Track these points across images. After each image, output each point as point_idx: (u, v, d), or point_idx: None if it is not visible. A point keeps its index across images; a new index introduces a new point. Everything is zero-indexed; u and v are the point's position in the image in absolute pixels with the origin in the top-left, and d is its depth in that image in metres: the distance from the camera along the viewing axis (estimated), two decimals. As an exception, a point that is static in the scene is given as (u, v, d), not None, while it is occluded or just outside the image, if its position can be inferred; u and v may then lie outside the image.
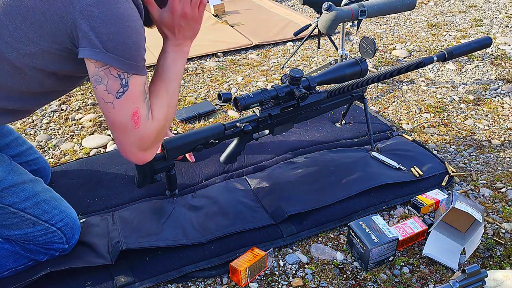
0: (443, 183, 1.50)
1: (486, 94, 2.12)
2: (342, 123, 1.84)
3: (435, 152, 1.68)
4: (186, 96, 2.17)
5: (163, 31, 1.12)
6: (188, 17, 1.11)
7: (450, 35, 2.80)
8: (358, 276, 1.20)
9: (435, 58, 1.72)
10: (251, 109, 1.40)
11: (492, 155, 1.69)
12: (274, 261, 1.25)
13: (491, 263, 1.22)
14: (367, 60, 1.65)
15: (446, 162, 1.59)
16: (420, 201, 1.40)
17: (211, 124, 1.43)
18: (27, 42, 0.97)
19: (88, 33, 0.93)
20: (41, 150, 1.78)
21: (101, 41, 0.94)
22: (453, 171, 1.55)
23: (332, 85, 1.56)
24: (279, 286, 1.18)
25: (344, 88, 1.56)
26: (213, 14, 3.22)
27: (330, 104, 1.59)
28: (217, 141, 1.39)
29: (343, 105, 1.68)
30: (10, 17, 0.96)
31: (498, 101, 2.06)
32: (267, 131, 1.49)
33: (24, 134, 1.88)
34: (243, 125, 1.40)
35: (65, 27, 0.94)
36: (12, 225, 1.14)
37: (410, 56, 2.55)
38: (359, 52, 2.64)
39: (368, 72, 1.55)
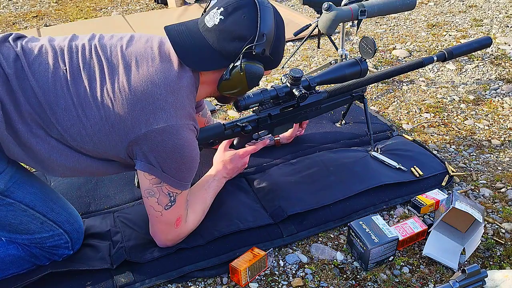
0: (443, 183, 1.50)
1: (486, 94, 2.12)
2: (342, 123, 1.84)
3: (435, 152, 1.68)
4: (186, 96, 2.17)
5: (220, 163, 1.41)
6: (242, 168, 1.48)
7: (450, 35, 2.80)
8: (358, 276, 1.20)
9: (435, 58, 1.72)
10: (251, 109, 1.40)
11: (492, 155, 1.69)
12: (274, 261, 1.25)
13: (491, 263, 1.22)
14: (367, 60, 1.65)
15: (446, 162, 1.59)
16: (420, 201, 1.40)
17: (211, 124, 1.43)
18: (89, 142, 1.07)
19: (147, 153, 1.06)
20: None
21: (158, 162, 1.07)
22: (453, 171, 1.55)
23: (332, 85, 1.56)
24: (279, 286, 1.18)
25: (344, 88, 1.56)
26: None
27: (330, 104, 1.59)
28: (217, 141, 1.39)
29: (343, 105, 1.68)
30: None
31: (498, 101, 2.06)
32: (266, 131, 1.49)
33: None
34: (243, 125, 1.39)
35: (126, 144, 1.06)
36: (21, 224, 1.12)
37: (410, 56, 2.55)
38: (359, 52, 2.64)
39: (368, 72, 1.55)
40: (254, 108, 1.44)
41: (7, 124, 1.01)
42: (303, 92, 1.38)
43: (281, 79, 1.43)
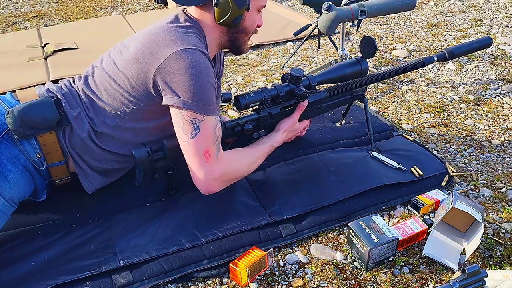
0: (443, 183, 1.50)
1: (486, 94, 2.12)
2: (343, 123, 1.84)
3: (435, 152, 1.67)
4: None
5: (279, 128, 1.46)
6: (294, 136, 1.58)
7: (450, 35, 2.80)
8: (358, 276, 1.20)
9: (436, 58, 1.72)
10: (252, 108, 1.40)
11: (492, 155, 1.69)
12: (274, 261, 1.25)
13: (491, 263, 1.22)
14: (367, 60, 1.66)
15: (446, 162, 1.59)
16: (420, 201, 1.40)
17: None
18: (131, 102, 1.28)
19: (164, 85, 1.19)
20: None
21: (173, 89, 1.19)
22: (453, 171, 1.55)
23: (332, 84, 1.56)
24: (279, 286, 1.18)
25: (344, 87, 1.56)
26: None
27: (330, 103, 1.59)
28: None
29: (344, 105, 1.68)
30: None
31: (498, 101, 2.06)
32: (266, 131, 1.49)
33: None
34: (243, 124, 1.39)
35: (151, 85, 1.22)
36: None
37: (410, 56, 2.55)
38: (359, 52, 2.64)
39: (368, 72, 1.55)
40: (254, 108, 1.44)
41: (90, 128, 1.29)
42: (303, 91, 1.38)
43: (281, 78, 1.43)
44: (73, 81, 1.35)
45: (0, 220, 1.20)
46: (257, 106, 1.44)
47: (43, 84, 1.39)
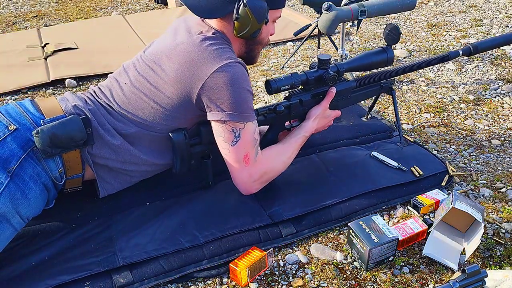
0: (443, 183, 1.50)
1: (486, 94, 2.12)
2: (368, 117, 1.86)
3: (435, 152, 1.67)
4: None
5: (309, 116, 1.48)
6: (328, 125, 1.56)
7: (450, 35, 2.80)
8: (358, 276, 1.20)
9: (461, 53, 1.77)
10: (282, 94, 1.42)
11: (492, 155, 1.69)
12: (274, 261, 1.25)
13: (491, 263, 1.22)
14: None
15: (446, 162, 1.58)
16: (420, 201, 1.40)
17: None
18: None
19: (209, 102, 1.25)
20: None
21: (217, 104, 1.24)
22: (453, 171, 1.55)
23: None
24: (279, 286, 1.18)
25: (373, 77, 1.59)
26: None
27: (359, 93, 1.61)
28: None
29: (372, 96, 1.69)
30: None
31: (498, 101, 2.06)
32: (298, 122, 1.51)
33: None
34: (276, 106, 1.42)
35: (196, 105, 1.28)
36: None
37: (410, 56, 2.55)
38: (359, 52, 2.64)
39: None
40: (285, 95, 1.48)
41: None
42: (332, 74, 1.41)
43: (310, 67, 1.47)
44: (95, 93, 1.34)
45: (9, 236, 1.18)
46: (288, 93, 1.46)
47: (44, 84, 1.39)
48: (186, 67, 1.24)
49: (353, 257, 1.25)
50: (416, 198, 1.42)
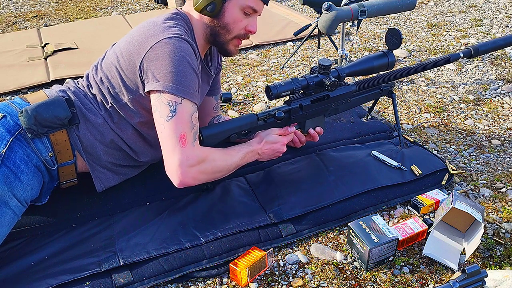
0: (443, 182, 1.50)
1: (486, 94, 2.12)
2: (368, 118, 1.87)
3: (435, 152, 1.67)
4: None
5: (261, 139, 1.40)
6: (276, 155, 1.44)
7: (450, 35, 2.80)
8: (358, 276, 1.20)
9: (461, 55, 1.76)
10: (283, 99, 1.41)
11: (492, 155, 1.69)
12: (274, 261, 1.25)
13: (491, 263, 1.22)
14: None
15: (446, 161, 1.58)
16: (420, 201, 1.40)
17: (245, 114, 1.45)
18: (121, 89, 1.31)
19: (147, 70, 1.22)
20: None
21: (155, 74, 1.20)
22: (453, 169, 1.55)
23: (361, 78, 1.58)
24: (279, 286, 1.18)
25: (374, 81, 1.59)
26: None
27: (360, 97, 1.61)
28: (250, 132, 1.41)
29: (372, 99, 1.69)
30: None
31: (498, 101, 2.06)
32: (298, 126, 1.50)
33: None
34: (275, 112, 1.41)
35: (138, 72, 1.25)
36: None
37: (410, 56, 2.55)
38: (359, 52, 2.64)
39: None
40: (285, 100, 1.47)
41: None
42: (333, 80, 1.40)
43: (310, 71, 1.46)
44: (78, 83, 1.39)
45: (11, 221, 1.21)
46: (288, 98, 1.46)
47: (44, 84, 1.41)
48: (136, 38, 1.26)
49: (353, 257, 1.25)
50: (416, 198, 1.42)
